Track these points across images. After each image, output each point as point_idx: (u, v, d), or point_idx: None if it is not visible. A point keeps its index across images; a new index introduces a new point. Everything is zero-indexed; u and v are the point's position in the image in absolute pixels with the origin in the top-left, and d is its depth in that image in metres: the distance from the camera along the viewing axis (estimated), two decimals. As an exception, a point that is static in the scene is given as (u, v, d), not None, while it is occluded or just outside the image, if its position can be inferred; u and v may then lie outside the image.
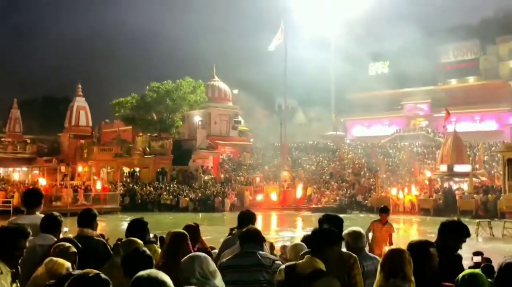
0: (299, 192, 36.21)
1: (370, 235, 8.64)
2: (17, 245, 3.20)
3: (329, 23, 65.68)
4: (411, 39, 70.08)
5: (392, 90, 62.03)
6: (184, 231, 4.31)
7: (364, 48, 62.46)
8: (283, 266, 3.39)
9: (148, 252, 3.24)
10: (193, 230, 5.01)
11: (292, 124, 65.52)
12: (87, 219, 4.95)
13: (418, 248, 3.05)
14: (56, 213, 4.74)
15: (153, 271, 2.30)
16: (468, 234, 3.83)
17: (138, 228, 4.58)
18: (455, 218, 4.06)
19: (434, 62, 65.79)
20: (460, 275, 2.82)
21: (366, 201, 34.24)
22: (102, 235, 5.15)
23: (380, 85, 63.33)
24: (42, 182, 36.85)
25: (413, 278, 2.86)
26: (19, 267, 3.27)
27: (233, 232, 5.63)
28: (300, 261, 3.29)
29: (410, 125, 59.44)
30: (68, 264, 3.26)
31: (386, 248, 3.72)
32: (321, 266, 3.18)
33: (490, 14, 79.48)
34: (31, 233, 3.39)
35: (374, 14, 70.09)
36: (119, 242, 5.16)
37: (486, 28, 70.23)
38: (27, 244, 3.29)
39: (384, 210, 9.02)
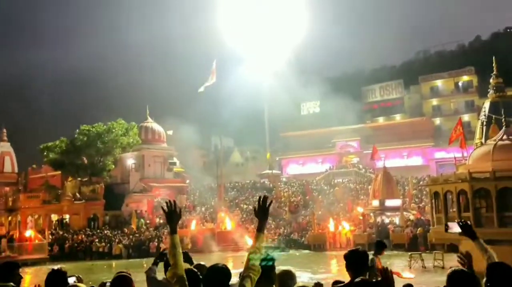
0: (236, 233, 35.91)
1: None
2: None
3: (262, 65, 67.41)
4: (340, 80, 73.27)
5: (324, 129, 63.91)
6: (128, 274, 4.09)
7: (295, 88, 64.23)
8: None
9: None
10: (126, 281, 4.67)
11: (229, 164, 65.76)
12: (6, 272, 4.66)
13: None
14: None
15: None
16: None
17: (57, 280, 4.34)
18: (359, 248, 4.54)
19: (362, 102, 68.74)
20: None
21: (303, 239, 34.46)
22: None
23: (312, 124, 65.13)
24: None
25: None
26: None
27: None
28: None
29: (343, 162, 61.15)
30: None
31: None
32: None
33: (411, 55, 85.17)
34: None
35: (304, 58, 72.90)
36: None
37: (408, 68, 74.81)
38: None
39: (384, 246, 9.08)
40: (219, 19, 70.39)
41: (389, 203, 33.64)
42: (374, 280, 3.56)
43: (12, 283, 4.51)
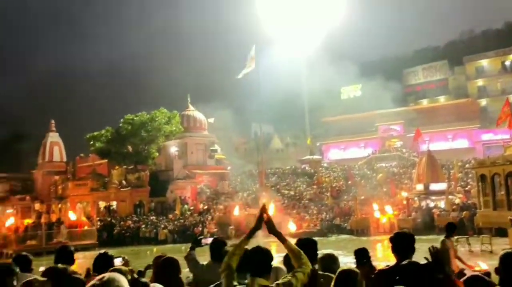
0: (278, 218, 36.07)
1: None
2: (5, 284, 3.37)
3: (300, 50, 66.89)
4: (381, 63, 71.78)
5: (365, 113, 63.07)
6: (175, 258, 4.27)
7: (335, 73, 63.53)
8: None
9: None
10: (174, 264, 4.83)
11: (269, 150, 65.93)
12: (63, 256, 4.94)
13: None
14: (24, 253, 4.98)
15: None
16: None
17: (103, 262, 4.67)
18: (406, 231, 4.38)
19: (404, 84, 67.39)
20: None
21: (345, 224, 34.31)
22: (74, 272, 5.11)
23: (353, 108, 64.39)
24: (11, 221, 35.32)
25: None
26: None
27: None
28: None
29: (385, 146, 60.30)
30: None
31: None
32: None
33: (456, 36, 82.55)
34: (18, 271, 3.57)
35: (344, 42, 71.90)
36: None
37: (453, 49, 72.61)
38: (14, 282, 3.45)
39: (455, 228, 8.82)
40: (257, 5, 70.15)
41: (434, 187, 33.00)
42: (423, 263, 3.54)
43: (60, 265, 4.75)
